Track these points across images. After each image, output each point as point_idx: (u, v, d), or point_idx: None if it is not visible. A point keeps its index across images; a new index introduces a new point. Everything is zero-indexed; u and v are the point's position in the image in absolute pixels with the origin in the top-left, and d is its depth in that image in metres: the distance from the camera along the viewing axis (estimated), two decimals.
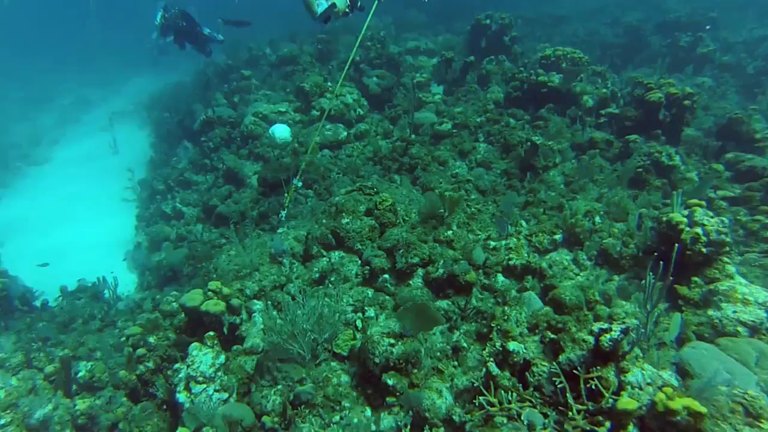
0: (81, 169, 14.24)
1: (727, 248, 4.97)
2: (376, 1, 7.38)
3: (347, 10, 6.47)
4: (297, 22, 21.70)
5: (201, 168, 9.63)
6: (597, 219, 6.03)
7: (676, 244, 3.84)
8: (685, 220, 5.06)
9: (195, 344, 4.51)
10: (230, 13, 10.37)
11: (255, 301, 5.53)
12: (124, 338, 5.37)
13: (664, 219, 5.20)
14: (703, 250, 4.89)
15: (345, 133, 8.39)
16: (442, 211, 5.97)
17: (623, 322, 3.73)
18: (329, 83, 9.21)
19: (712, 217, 5.06)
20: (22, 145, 16.42)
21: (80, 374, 5.10)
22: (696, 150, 7.46)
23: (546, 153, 7.13)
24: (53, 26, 28.25)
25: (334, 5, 6.16)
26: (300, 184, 6.31)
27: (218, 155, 9.31)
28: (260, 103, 9.69)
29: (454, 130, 8.02)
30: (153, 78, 21.25)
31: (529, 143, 7.19)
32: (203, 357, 4.39)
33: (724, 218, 5.16)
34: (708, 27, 12.69)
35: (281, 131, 6.01)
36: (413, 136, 7.91)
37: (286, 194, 6.93)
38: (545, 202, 6.43)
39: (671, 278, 3.94)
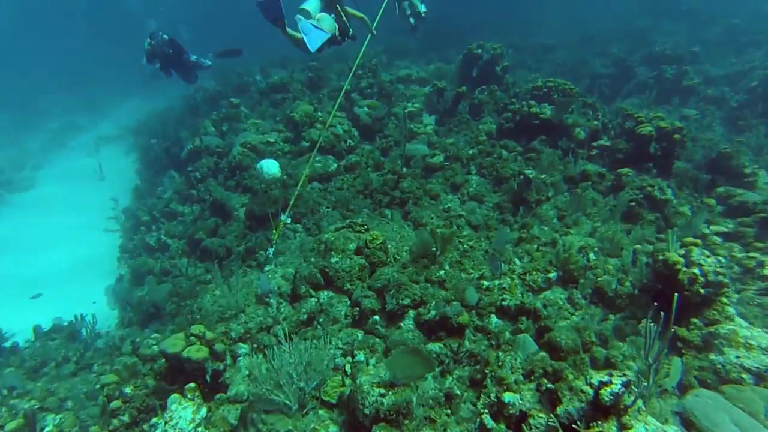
0: (65, 196, 13.96)
1: (726, 289, 4.88)
2: (369, 34, 7.35)
3: (338, 38, 6.37)
4: (289, 47, 21.80)
5: (187, 198, 9.43)
6: (591, 255, 5.92)
7: (676, 294, 3.70)
8: (681, 260, 4.96)
9: (175, 396, 4.26)
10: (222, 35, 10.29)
11: (240, 344, 5.31)
12: (99, 386, 5.09)
13: (660, 258, 5.11)
14: (702, 291, 4.79)
15: (335, 165, 8.26)
16: (434, 249, 5.83)
17: (624, 374, 3.58)
18: (319, 113, 9.11)
19: (708, 257, 4.98)
20: (4, 169, 16.11)
21: (47, 429, 4.79)
22: (687, 183, 7.43)
23: (539, 187, 7.05)
24: (44, 50, 28.10)
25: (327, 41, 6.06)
26: (289, 220, 6.14)
27: (205, 186, 9.12)
28: (249, 132, 9.55)
29: (446, 163, 7.93)
30: (142, 102, 21.14)
31: (521, 176, 7.11)
32: (183, 411, 4.15)
33: (720, 258, 5.08)
34: None
35: (270, 166, 5.86)
36: (404, 169, 7.80)
37: (273, 230, 6.76)
38: (538, 238, 6.31)
39: (673, 330, 3.79)
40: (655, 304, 3.89)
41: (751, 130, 9.44)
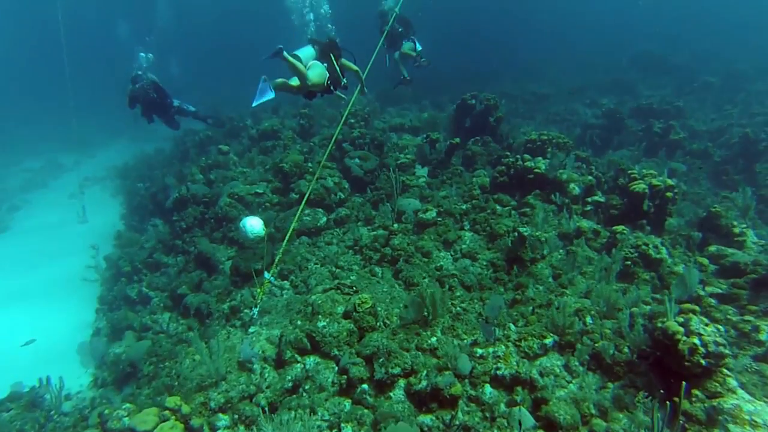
0: (42, 239, 13.46)
1: (726, 360, 4.73)
2: (359, 84, 7.33)
3: (330, 87, 6.33)
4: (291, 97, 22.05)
5: (171, 249, 9.17)
6: (588, 319, 5.75)
7: (684, 383, 3.52)
8: (681, 329, 4.81)
9: None
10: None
11: (220, 415, 5.01)
12: None
13: (660, 326, 4.97)
14: (702, 362, 4.63)
15: (324, 219, 8.08)
16: (426, 314, 5.62)
17: None
18: (310, 164, 8.99)
19: (707, 325, 4.84)
20: None
21: None
22: (680, 241, 7.37)
23: (534, 245, 6.92)
24: (30, 84, 28.02)
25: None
26: (273, 279, 5.94)
27: (191, 236, 8.89)
28: (237, 182, 9.39)
29: (438, 219, 7.79)
30: (131, 143, 20.96)
31: (516, 234, 6.99)
32: None
33: (719, 326, 4.96)
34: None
35: (253, 225, 5.67)
36: (396, 225, 7.64)
37: (258, 289, 6.53)
38: (534, 300, 6.14)
39: (681, 421, 3.61)
40: (661, 391, 3.70)
41: (735, 185, 9.54)
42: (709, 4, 39.59)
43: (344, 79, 6.74)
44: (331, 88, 6.36)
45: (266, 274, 6.10)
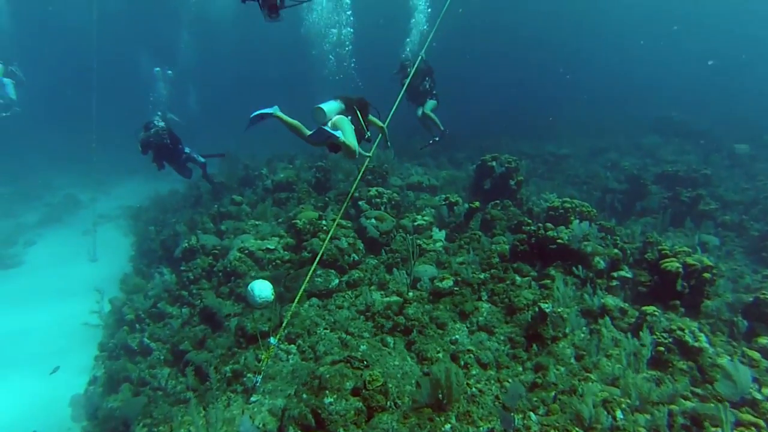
0: (51, 277, 13.33)
1: None
2: (380, 135, 7.18)
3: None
4: (300, 142, 22.19)
5: (177, 299, 8.85)
6: (618, 413, 5.24)
7: None
8: None
9: None
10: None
11: None
12: None
13: None
14: None
15: (336, 281, 7.72)
16: (440, 396, 5.18)
17: None
18: (324, 222, 8.73)
19: None
20: None
21: None
22: (721, 327, 6.84)
23: (555, 322, 6.49)
24: (51, 122, 28.61)
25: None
26: (275, 342, 5.58)
27: (198, 288, 8.58)
28: (248, 236, 9.12)
29: (455, 288, 7.41)
30: (145, 182, 21.06)
31: (536, 309, 6.58)
32: None
33: None
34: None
35: (261, 289, 5.37)
36: (411, 292, 7.27)
37: (263, 354, 6.16)
38: (556, 385, 5.66)
39: None
40: None
41: None
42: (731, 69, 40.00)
43: (368, 132, 6.64)
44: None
45: (272, 340, 5.75)
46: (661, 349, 6.10)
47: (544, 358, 6.13)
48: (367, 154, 6.92)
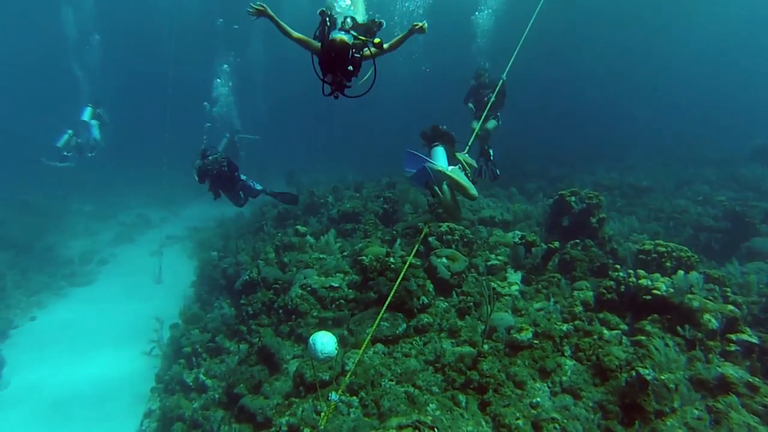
0: (119, 297, 13.61)
1: None
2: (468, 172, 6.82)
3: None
4: (368, 167, 22.12)
5: (235, 333, 8.54)
6: None
7: None
8: None
9: None
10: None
11: None
12: None
13: None
14: None
15: (404, 326, 7.11)
16: None
17: None
18: (392, 259, 8.17)
19: None
20: (73, 261, 16.27)
21: None
22: None
23: (660, 392, 5.56)
24: (128, 142, 30.00)
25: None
26: (337, 398, 5.03)
27: (257, 323, 8.23)
28: (311, 272, 8.69)
29: (535, 341, 6.62)
30: (213, 203, 21.42)
31: (634, 374, 5.67)
32: None
33: None
34: None
35: (324, 344, 4.86)
36: (486, 345, 6.55)
37: (322, 404, 5.64)
38: None
39: None
40: None
41: None
42: None
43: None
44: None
45: (333, 396, 5.20)
46: None
47: None
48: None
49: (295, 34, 5.68)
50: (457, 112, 11.63)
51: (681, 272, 7.03)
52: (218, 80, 19.60)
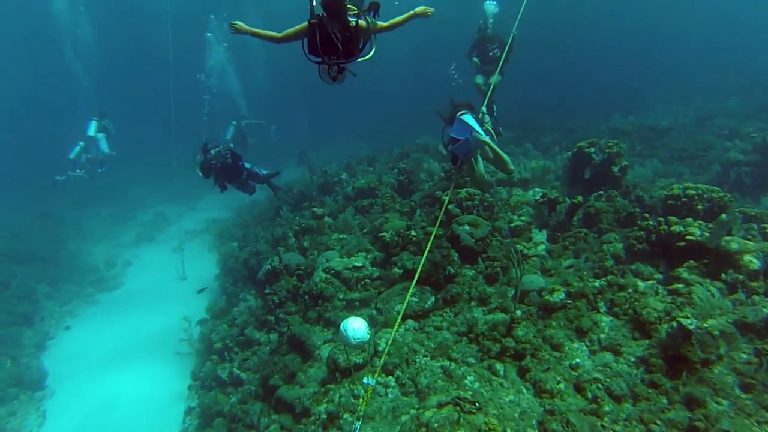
0: (146, 298, 13.72)
1: None
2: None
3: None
4: (379, 138, 21.71)
5: (264, 324, 8.49)
6: None
7: None
8: None
9: None
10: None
11: None
12: None
13: None
14: None
15: (432, 299, 6.97)
16: None
17: None
18: (413, 232, 7.98)
19: None
20: (99, 268, 16.43)
21: None
22: None
23: (704, 341, 5.35)
24: (138, 142, 29.99)
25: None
26: (373, 382, 4.92)
27: (284, 311, 8.17)
28: (333, 253, 8.55)
29: (568, 301, 6.42)
30: (229, 195, 21.42)
31: (675, 325, 5.46)
32: None
33: None
34: None
35: (356, 330, 4.73)
36: (518, 311, 6.37)
37: (358, 387, 5.57)
38: None
39: None
40: None
41: None
42: None
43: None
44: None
45: (369, 380, 5.09)
46: None
47: (696, 388, 5.03)
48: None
49: (280, 35, 5.29)
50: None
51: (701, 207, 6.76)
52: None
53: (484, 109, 7.15)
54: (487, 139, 6.30)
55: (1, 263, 14.77)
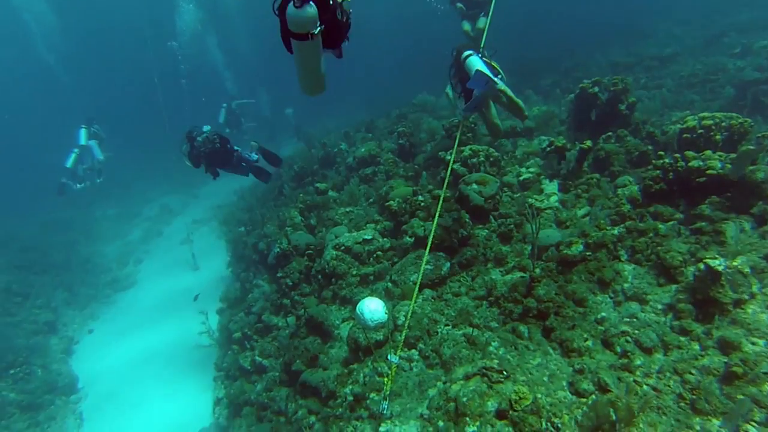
0: (161, 294, 13.75)
1: None
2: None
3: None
4: (375, 101, 21.08)
5: (280, 308, 8.39)
6: None
7: None
8: None
9: None
10: None
11: None
12: None
13: None
14: None
15: (447, 265, 6.76)
16: (613, 419, 4.14)
17: None
18: (420, 198, 7.74)
19: None
20: (112, 268, 16.48)
21: None
22: None
23: (735, 281, 5.11)
24: (134, 137, 29.62)
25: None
26: (397, 360, 4.79)
27: (298, 293, 8.04)
28: (342, 228, 8.32)
29: (588, 253, 6.19)
30: (227, 177, 21.19)
31: (702, 267, 5.21)
32: None
33: None
34: None
35: (373, 312, 4.56)
36: (537, 269, 6.15)
37: (382, 363, 5.46)
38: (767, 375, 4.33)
39: None
40: None
41: None
42: None
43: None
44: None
45: (393, 357, 4.95)
46: None
47: (729, 330, 4.83)
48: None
49: None
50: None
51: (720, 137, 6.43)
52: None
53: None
54: (503, 86, 6.07)
55: (18, 275, 14.83)
